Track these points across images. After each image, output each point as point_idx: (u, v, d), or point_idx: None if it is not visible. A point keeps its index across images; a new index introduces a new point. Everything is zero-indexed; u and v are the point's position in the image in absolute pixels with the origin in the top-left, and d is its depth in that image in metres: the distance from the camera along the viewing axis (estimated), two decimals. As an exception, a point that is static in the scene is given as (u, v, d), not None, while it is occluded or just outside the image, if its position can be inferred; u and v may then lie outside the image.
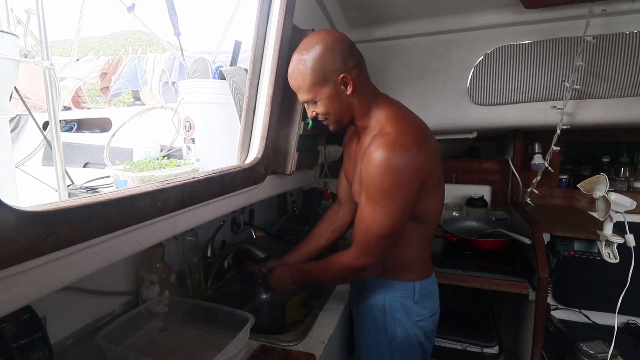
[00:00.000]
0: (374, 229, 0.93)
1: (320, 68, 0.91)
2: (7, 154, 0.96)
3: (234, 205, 0.99)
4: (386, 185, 0.89)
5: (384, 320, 1.10)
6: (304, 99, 0.97)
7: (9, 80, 0.98)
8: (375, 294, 1.12)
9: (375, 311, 1.11)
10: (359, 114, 1.00)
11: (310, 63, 0.91)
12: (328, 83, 0.93)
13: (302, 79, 0.93)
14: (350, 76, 0.93)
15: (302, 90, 0.95)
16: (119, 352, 0.83)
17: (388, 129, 0.94)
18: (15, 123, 2.06)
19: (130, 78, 3.25)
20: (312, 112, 1.00)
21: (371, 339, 1.14)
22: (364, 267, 0.97)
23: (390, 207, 0.91)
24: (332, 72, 0.91)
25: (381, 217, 0.91)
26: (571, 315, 1.87)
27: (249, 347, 0.98)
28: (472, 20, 1.54)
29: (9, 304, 0.47)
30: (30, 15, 1.12)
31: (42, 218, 0.44)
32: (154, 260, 1.13)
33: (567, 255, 1.44)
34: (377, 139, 0.92)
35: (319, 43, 0.91)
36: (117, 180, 0.99)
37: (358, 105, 0.98)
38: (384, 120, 0.97)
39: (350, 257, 0.98)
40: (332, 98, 0.94)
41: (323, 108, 0.97)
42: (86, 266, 0.57)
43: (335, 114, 0.98)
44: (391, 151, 0.88)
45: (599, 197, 1.27)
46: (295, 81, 0.95)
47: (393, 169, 0.88)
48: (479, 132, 1.82)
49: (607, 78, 1.46)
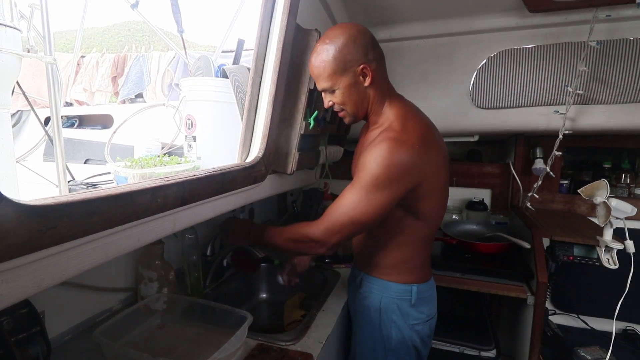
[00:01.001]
0: (346, 210, 0.93)
1: (342, 57, 0.93)
2: (9, 149, 0.96)
3: (234, 203, 0.99)
4: (377, 174, 0.89)
5: (379, 321, 1.10)
6: (323, 87, 0.98)
7: (12, 74, 0.98)
8: (372, 294, 1.11)
9: (371, 312, 1.11)
10: (373, 109, 1.02)
11: (332, 52, 0.93)
12: (348, 72, 0.94)
13: (323, 66, 0.94)
14: (370, 68, 0.95)
15: (322, 78, 0.96)
16: (116, 348, 0.83)
17: (395, 125, 0.96)
18: (17, 118, 2.06)
19: (137, 81, 3.29)
20: (329, 101, 1.01)
21: (366, 339, 1.14)
22: (317, 240, 0.96)
23: (373, 195, 0.90)
24: (352, 61, 0.94)
25: (360, 201, 0.91)
26: (569, 321, 1.87)
27: (246, 346, 0.98)
28: (476, 24, 1.54)
29: (8, 297, 0.47)
30: (33, 10, 1.12)
31: (42, 212, 0.44)
32: (153, 257, 1.13)
33: (567, 260, 1.44)
34: (382, 134, 0.94)
35: (342, 34, 0.94)
36: (117, 177, 0.99)
37: (373, 99, 1.00)
38: (392, 118, 0.98)
39: (314, 228, 0.97)
40: (350, 88, 0.96)
41: (340, 97, 0.98)
42: (85, 261, 0.56)
43: (352, 105, 0.99)
44: (392, 145, 0.90)
45: (599, 202, 1.27)
46: (316, 69, 0.96)
47: (389, 161, 0.89)
48: (480, 135, 1.82)
49: (611, 84, 1.45)
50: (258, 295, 1.57)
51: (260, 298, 1.57)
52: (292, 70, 1.10)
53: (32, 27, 1.12)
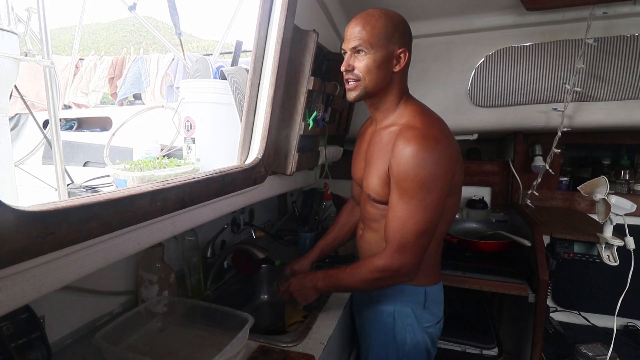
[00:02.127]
0: (410, 225, 0.89)
1: (392, 30, 0.92)
2: (7, 153, 0.96)
3: (234, 205, 0.99)
4: (422, 177, 0.86)
5: (393, 326, 1.07)
6: (355, 45, 0.92)
7: (9, 78, 0.98)
8: (385, 299, 1.08)
9: (385, 317, 1.08)
10: (388, 100, 1.00)
11: (386, 20, 0.91)
12: (388, 47, 0.92)
13: (371, 25, 0.91)
14: (406, 57, 0.95)
15: (360, 34, 0.91)
16: (117, 352, 0.82)
17: (415, 123, 0.93)
18: (16, 121, 2.06)
19: (134, 82, 3.28)
20: (350, 65, 0.94)
21: (379, 345, 1.11)
22: (399, 268, 0.91)
23: (427, 199, 0.87)
24: (398, 41, 0.93)
25: (418, 211, 0.88)
26: (570, 318, 1.87)
27: (248, 348, 0.98)
28: (473, 22, 1.54)
29: (7, 303, 0.47)
30: (30, 14, 1.12)
31: (41, 218, 0.44)
32: (153, 260, 1.13)
33: (567, 257, 1.44)
34: (404, 133, 0.91)
35: (400, 16, 0.95)
36: (117, 180, 0.99)
37: (392, 89, 0.99)
38: (409, 115, 0.97)
39: (385, 257, 0.92)
40: (380, 62, 0.93)
41: (366, 65, 0.92)
42: (85, 266, 0.56)
43: (372, 79, 0.94)
44: (423, 143, 0.87)
45: (599, 199, 1.27)
46: (359, 23, 0.92)
47: (427, 160, 0.86)
48: (479, 133, 1.82)
49: (608, 81, 1.46)
50: (259, 297, 1.57)
51: (261, 299, 1.57)
52: (291, 71, 1.10)
53: (29, 30, 1.12)
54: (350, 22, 0.95)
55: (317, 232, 1.68)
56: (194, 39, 17.63)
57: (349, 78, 0.96)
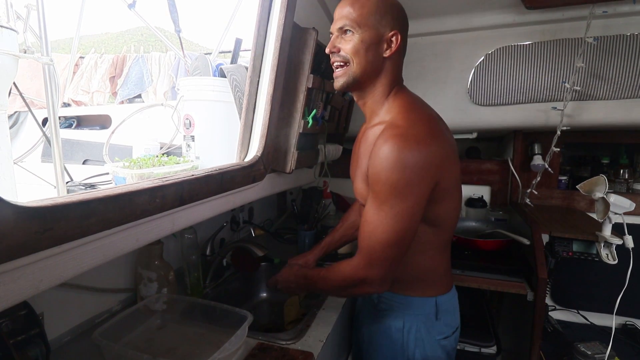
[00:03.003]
0: (378, 234, 0.81)
1: (385, 11, 0.84)
2: (6, 150, 0.96)
3: (233, 203, 0.99)
4: (394, 182, 0.78)
5: (402, 341, 1.00)
6: (342, 24, 0.84)
7: (8, 76, 0.98)
8: (393, 312, 1.02)
9: (393, 332, 1.01)
10: (377, 92, 0.91)
11: (381, 1, 0.85)
12: (378, 29, 0.84)
13: (362, 3, 0.83)
14: (398, 39, 0.86)
15: (349, 12, 0.83)
16: (116, 349, 0.83)
17: (399, 120, 0.84)
18: (15, 119, 2.06)
19: (137, 82, 3.27)
20: (335, 47, 0.87)
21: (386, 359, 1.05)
22: (364, 279, 0.84)
23: (398, 207, 0.79)
24: (390, 24, 0.85)
25: (387, 219, 0.80)
26: (569, 316, 1.87)
27: (247, 345, 0.98)
28: (473, 21, 1.54)
29: (6, 299, 0.47)
30: (30, 11, 1.12)
31: (39, 214, 0.44)
32: (152, 258, 1.13)
33: (566, 256, 1.44)
34: (386, 131, 0.82)
35: (397, 1, 0.88)
36: (116, 177, 0.98)
37: (382, 78, 0.90)
38: (395, 111, 0.88)
39: (352, 266, 0.87)
40: (369, 44, 0.84)
41: (353, 46, 0.84)
42: (84, 262, 0.56)
43: (360, 63, 0.85)
44: (401, 144, 0.78)
45: (598, 198, 1.27)
46: (351, 0, 0.85)
47: (403, 163, 0.77)
48: (479, 132, 1.82)
49: (608, 79, 1.46)
50: (258, 295, 1.57)
51: (260, 297, 1.57)
52: (290, 69, 1.10)
53: (28, 27, 1.12)
54: (340, 2, 0.87)
55: (316, 231, 1.68)
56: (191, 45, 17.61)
57: (335, 61, 0.88)
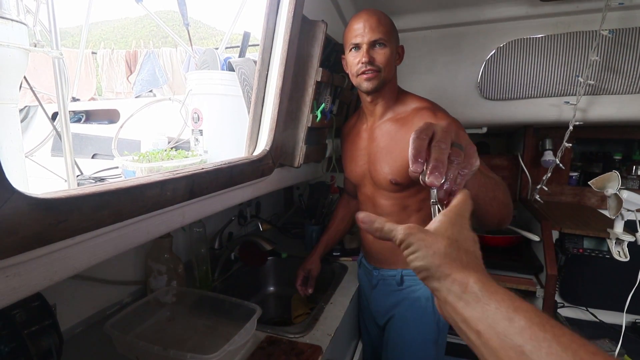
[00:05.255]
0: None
1: (394, 29, 1.02)
2: (17, 144, 0.96)
3: (241, 197, 0.99)
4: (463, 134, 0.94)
5: (432, 307, 1.11)
6: (379, 37, 0.98)
7: (19, 69, 0.98)
8: (420, 285, 1.12)
9: (422, 302, 1.12)
10: (390, 92, 1.07)
11: (390, 20, 1.02)
12: (395, 43, 1.02)
13: (385, 21, 0.99)
14: (402, 52, 1.06)
15: (379, 27, 0.98)
16: (127, 340, 0.84)
17: (428, 105, 1.01)
18: (25, 113, 2.07)
19: (149, 79, 3.27)
20: (371, 57, 0.99)
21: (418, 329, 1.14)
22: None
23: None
24: (397, 39, 1.04)
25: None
26: (578, 314, 1.85)
27: (255, 338, 0.99)
28: (484, 13, 1.51)
29: (21, 290, 0.47)
30: (39, 4, 1.12)
31: (53, 205, 0.44)
32: (162, 251, 1.14)
33: (576, 252, 1.43)
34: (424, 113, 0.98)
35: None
36: (125, 171, 0.99)
37: (394, 82, 1.07)
38: (413, 102, 1.04)
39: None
40: (393, 55, 1.02)
41: (385, 57, 0.99)
42: (97, 254, 0.57)
43: (389, 72, 1.02)
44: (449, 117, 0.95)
45: (610, 194, 1.25)
46: (376, 17, 0.98)
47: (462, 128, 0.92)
48: (489, 127, 1.80)
49: (623, 73, 1.42)
50: (266, 288, 1.58)
51: (268, 291, 1.58)
52: (299, 63, 1.09)
53: (38, 21, 1.12)
54: (359, 17, 1.00)
55: (323, 225, 1.68)
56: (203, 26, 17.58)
57: (369, 69, 0.99)
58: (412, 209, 1.07)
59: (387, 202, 1.09)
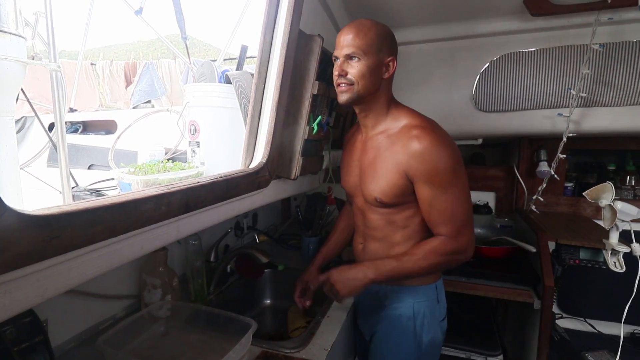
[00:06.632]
0: (458, 210, 0.95)
1: (383, 39, 0.98)
2: (13, 156, 0.96)
3: (238, 209, 0.99)
4: (451, 167, 0.93)
5: (413, 329, 1.09)
6: (349, 52, 0.96)
7: (16, 82, 0.99)
8: (402, 303, 1.11)
9: (404, 320, 1.10)
10: (378, 105, 1.04)
11: (379, 30, 0.98)
12: (378, 55, 0.97)
13: (364, 33, 0.96)
14: (393, 65, 1.01)
15: (353, 41, 0.95)
16: (120, 357, 0.82)
17: (417, 122, 0.99)
18: (22, 124, 2.07)
19: (147, 90, 3.27)
20: (343, 70, 0.98)
21: (400, 352, 1.12)
22: (466, 248, 0.99)
23: (460, 183, 0.95)
24: (387, 51, 0.99)
25: (458, 195, 0.95)
26: (576, 325, 1.85)
27: (250, 354, 0.97)
28: (478, 28, 1.54)
29: (12, 307, 0.47)
30: (38, 18, 1.13)
31: (45, 222, 0.44)
32: (156, 264, 1.12)
33: (573, 263, 1.43)
34: (412, 132, 0.96)
35: (387, 27, 1.01)
36: (121, 183, 0.99)
37: (382, 94, 1.03)
38: (405, 117, 1.02)
39: (442, 240, 0.98)
40: (372, 68, 0.97)
41: (359, 70, 0.96)
42: (89, 270, 0.56)
43: (364, 85, 0.98)
44: (439, 138, 0.94)
45: (605, 205, 1.25)
46: (352, 31, 0.96)
47: (449, 150, 0.93)
48: (484, 138, 1.82)
49: (614, 86, 1.45)
50: (262, 302, 1.56)
51: (264, 304, 1.56)
52: (296, 76, 1.10)
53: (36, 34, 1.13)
54: (342, 30, 0.99)
55: (320, 237, 1.67)
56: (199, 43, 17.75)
57: (342, 82, 0.99)
58: (398, 225, 1.05)
59: (375, 216, 1.08)
